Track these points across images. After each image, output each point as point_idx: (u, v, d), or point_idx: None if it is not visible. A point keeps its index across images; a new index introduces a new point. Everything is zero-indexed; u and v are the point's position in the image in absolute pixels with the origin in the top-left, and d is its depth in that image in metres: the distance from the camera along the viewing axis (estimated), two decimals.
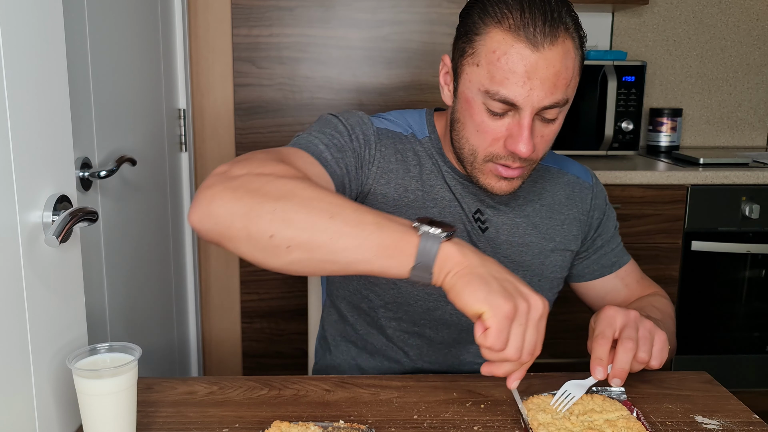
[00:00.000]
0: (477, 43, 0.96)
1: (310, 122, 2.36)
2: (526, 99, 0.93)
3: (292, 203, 0.77)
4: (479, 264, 0.76)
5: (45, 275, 0.80)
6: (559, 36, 0.93)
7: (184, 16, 2.12)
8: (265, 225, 0.76)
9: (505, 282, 0.76)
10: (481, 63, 0.95)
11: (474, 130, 0.99)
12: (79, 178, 1.33)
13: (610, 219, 1.23)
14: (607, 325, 0.93)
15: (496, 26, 0.94)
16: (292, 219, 0.76)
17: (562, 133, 1.06)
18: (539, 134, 0.98)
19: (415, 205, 1.09)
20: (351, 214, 0.77)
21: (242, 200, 0.78)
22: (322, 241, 0.75)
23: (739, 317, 2.29)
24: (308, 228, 0.76)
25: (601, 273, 1.22)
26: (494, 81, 0.94)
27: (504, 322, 0.73)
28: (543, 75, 0.92)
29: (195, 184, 2.31)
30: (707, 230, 2.20)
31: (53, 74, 0.83)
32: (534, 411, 0.89)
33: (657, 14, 2.63)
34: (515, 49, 0.92)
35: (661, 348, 0.92)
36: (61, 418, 0.85)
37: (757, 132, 2.75)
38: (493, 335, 0.73)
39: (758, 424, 0.89)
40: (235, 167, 0.83)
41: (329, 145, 1.01)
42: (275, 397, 0.94)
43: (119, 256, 1.55)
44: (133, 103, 1.65)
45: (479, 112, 0.98)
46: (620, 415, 0.88)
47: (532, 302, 0.76)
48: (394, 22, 2.33)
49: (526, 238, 1.14)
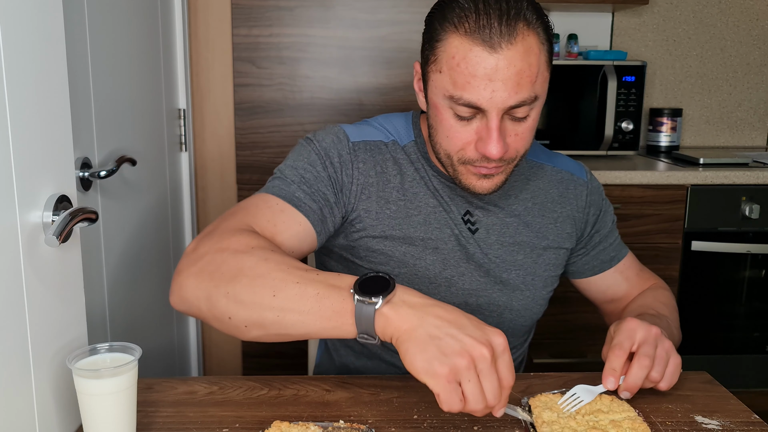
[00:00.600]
0: (438, 49, 0.96)
1: (310, 122, 2.36)
2: (489, 101, 0.93)
3: (241, 285, 0.83)
4: (417, 325, 0.76)
5: (45, 275, 0.80)
6: (517, 34, 0.92)
7: (184, 16, 2.12)
8: (223, 308, 0.84)
9: (446, 339, 0.75)
10: (443, 69, 0.95)
11: (445, 136, 1.00)
12: (79, 178, 1.33)
13: (607, 214, 1.23)
14: (627, 337, 0.93)
15: (453, 31, 0.94)
16: (243, 300, 0.83)
17: (562, 133, 1.06)
18: (512, 133, 0.97)
19: (398, 216, 1.09)
20: (292, 289, 0.81)
21: (202, 285, 0.86)
22: (272, 319, 0.82)
23: (739, 317, 2.29)
24: (257, 308, 0.82)
25: (600, 268, 1.22)
26: (457, 86, 0.94)
27: (448, 387, 0.74)
28: (504, 75, 0.92)
29: (195, 184, 2.31)
30: (707, 230, 2.20)
31: (53, 74, 0.83)
32: (540, 408, 0.89)
33: (657, 14, 2.63)
34: (473, 52, 0.92)
35: (673, 372, 0.93)
36: (61, 418, 0.85)
37: (757, 132, 2.75)
38: (444, 403, 0.74)
39: (758, 424, 0.89)
40: (200, 245, 0.90)
41: (301, 182, 1.03)
42: (275, 397, 0.94)
43: (119, 256, 1.55)
44: (133, 103, 1.65)
45: (448, 117, 0.98)
46: (627, 416, 0.87)
47: (476, 353, 0.74)
48: (394, 22, 2.33)
49: (518, 237, 1.13)
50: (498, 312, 1.14)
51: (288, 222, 0.99)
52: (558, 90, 2.33)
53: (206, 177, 2.36)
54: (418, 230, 1.09)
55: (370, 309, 0.77)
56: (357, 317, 0.78)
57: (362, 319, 0.78)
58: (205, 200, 2.37)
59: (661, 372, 0.91)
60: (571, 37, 2.50)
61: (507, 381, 0.77)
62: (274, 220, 0.98)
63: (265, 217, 0.98)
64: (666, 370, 0.92)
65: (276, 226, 0.98)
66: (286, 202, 1.01)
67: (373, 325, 0.78)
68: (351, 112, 2.35)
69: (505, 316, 1.14)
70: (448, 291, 1.11)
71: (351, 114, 2.35)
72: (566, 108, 2.35)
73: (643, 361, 0.91)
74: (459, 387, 0.75)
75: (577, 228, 1.18)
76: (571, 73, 2.32)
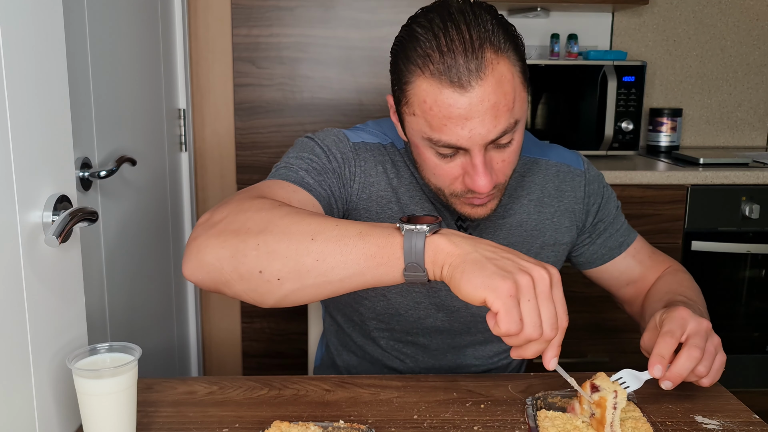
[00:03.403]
0: (408, 92, 0.92)
1: (310, 122, 2.36)
2: (469, 140, 0.90)
3: (273, 234, 0.77)
4: (471, 249, 0.73)
5: (45, 275, 0.80)
6: (486, 66, 0.87)
7: (184, 16, 2.12)
8: (253, 262, 0.77)
9: (503, 261, 0.72)
10: (416, 112, 0.92)
11: (431, 173, 0.98)
12: (79, 178, 1.33)
13: (609, 201, 1.20)
14: (678, 326, 0.89)
15: (419, 74, 0.90)
16: (276, 250, 0.76)
17: (562, 132, 1.05)
18: (498, 160, 0.95)
19: (397, 217, 1.07)
20: (332, 231, 0.76)
21: (227, 243, 0.78)
22: (310, 265, 0.75)
23: (739, 317, 2.29)
24: (293, 255, 0.76)
25: (610, 255, 1.20)
26: (433, 129, 0.91)
27: (509, 302, 0.69)
28: (480, 111, 0.88)
29: (195, 184, 2.31)
30: (707, 230, 2.20)
31: (53, 74, 0.83)
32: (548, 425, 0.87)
33: (657, 14, 2.63)
34: (443, 95, 0.88)
35: (718, 368, 0.90)
36: (61, 418, 0.85)
37: (757, 132, 2.75)
38: (503, 320, 0.69)
39: (758, 424, 0.89)
40: (216, 213, 0.84)
41: (309, 169, 1.00)
42: (275, 397, 0.94)
43: (119, 256, 1.55)
44: (133, 103, 1.65)
45: (430, 156, 0.95)
46: (631, 416, 0.87)
47: (535, 274, 0.71)
48: (394, 22, 2.33)
49: (511, 238, 1.11)
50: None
51: (303, 201, 0.95)
52: (558, 90, 2.33)
53: (206, 177, 2.36)
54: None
55: (420, 237, 0.73)
56: (406, 248, 0.73)
57: (412, 249, 0.73)
58: (205, 200, 2.37)
59: (708, 367, 0.88)
60: (571, 37, 2.50)
61: (563, 319, 0.73)
62: (289, 198, 0.93)
63: (279, 194, 0.92)
64: (713, 366, 0.88)
65: (292, 203, 0.92)
66: (297, 186, 0.97)
67: (423, 256, 0.73)
68: (351, 112, 2.35)
69: None
70: (447, 296, 1.10)
71: (351, 114, 2.35)
72: (566, 108, 2.35)
73: (694, 352, 0.86)
74: (518, 306, 0.70)
75: (577, 220, 1.16)
76: (571, 73, 2.32)
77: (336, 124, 2.33)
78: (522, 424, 0.87)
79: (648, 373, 0.88)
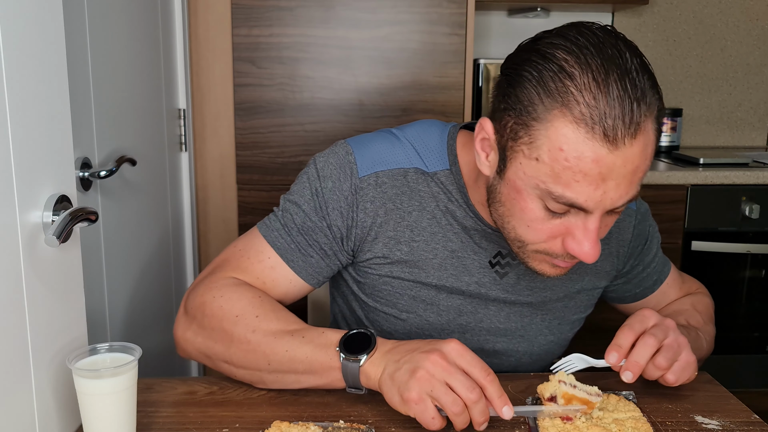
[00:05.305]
0: (536, 131, 0.77)
1: (310, 122, 2.36)
2: (598, 203, 0.78)
3: (236, 354, 0.93)
4: (382, 370, 0.84)
5: (45, 275, 0.80)
6: (641, 125, 0.75)
7: (184, 16, 2.12)
8: (225, 370, 0.96)
9: (402, 369, 0.81)
10: (543, 158, 0.77)
11: (524, 225, 0.84)
12: (79, 178, 1.33)
13: (653, 241, 1.11)
14: (638, 321, 0.89)
15: (561, 114, 0.75)
16: (242, 366, 0.93)
17: None
18: (603, 225, 0.83)
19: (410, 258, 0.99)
20: (284, 357, 0.90)
21: (202, 346, 0.96)
22: (272, 380, 0.93)
23: (739, 317, 2.29)
24: (256, 373, 0.93)
25: (643, 294, 1.15)
26: (559, 182, 0.77)
27: (418, 407, 0.79)
28: (620, 174, 0.76)
29: (195, 184, 2.31)
30: (707, 230, 2.20)
31: (53, 74, 0.83)
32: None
33: (657, 14, 2.63)
34: (588, 147, 0.74)
35: (683, 366, 0.88)
36: (61, 418, 0.85)
37: (757, 132, 2.75)
38: (422, 422, 0.80)
39: (758, 424, 0.89)
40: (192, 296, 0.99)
41: (300, 230, 0.99)
42: (275, 397, 0.94)
43: (119, 256, 1.55)
44: (133, 103, 1.65)
45: (535, 208, 0.82)
46: (631, 416, 0.87)
47: (428, 364, 0.79)
48: (394, 22, 2.33)
49: (549, 282, 1.02)
50: (516, 357, 1.07)
51: (277, 280, 1.00)
52: None
53: (206, 177, 2.36)
54: (431, 275, 1.00)
55: (355, 367, 0.86)
56: (344, 375, 0.87)
57: (349, 376, 0.87)
58: (205, 200, 2.37)
59: (669, 360, 0.86)
60: None
61: (479, 376, 0.79)
62: (263, 278, 1.00)
63: (255, 273, 1.00)
64: (676, 363, 0.87)
65: (265, 284, 1.00)
66: (278, 257, 1.00)
67: (359, 381, 0.87)
68: (351, 112, 2.35)
69: (524, 360, 1.08)
70: (461, 337, 1.03)
71: (351, 114, 2.35)
72: None
73: (648, 339, 0.85)
74: (431, 403, 0.79)
75: (618, 264, 1.08)
76: None
77: (336, 124, 2.33)
78: (522, 424, 0.87)
79: (602, 361, 0.89)
